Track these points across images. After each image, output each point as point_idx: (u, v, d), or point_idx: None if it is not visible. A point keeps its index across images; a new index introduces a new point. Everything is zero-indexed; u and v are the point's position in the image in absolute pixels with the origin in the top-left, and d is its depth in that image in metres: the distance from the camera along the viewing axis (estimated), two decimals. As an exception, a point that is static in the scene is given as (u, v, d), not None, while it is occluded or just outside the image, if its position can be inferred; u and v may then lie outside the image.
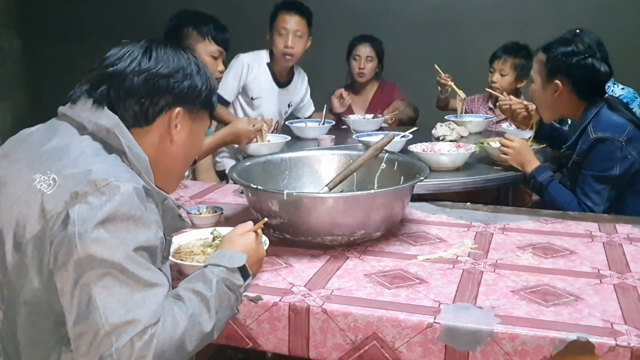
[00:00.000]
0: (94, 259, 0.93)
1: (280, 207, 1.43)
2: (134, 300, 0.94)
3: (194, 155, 1.26)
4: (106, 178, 0.98)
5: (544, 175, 2.11)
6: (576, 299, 1.21)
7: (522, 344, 1.08)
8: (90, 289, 0.93)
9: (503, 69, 3.24)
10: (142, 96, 1.12)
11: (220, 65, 2.42)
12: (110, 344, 0.91)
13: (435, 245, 1.52)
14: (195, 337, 1.01)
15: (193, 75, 1.17)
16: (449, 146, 2.43)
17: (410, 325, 1.13)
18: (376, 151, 1.73)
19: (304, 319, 1.19)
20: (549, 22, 3.94)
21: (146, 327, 0.93)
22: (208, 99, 1.22)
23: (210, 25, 2.39)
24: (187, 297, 1.04)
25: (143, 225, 0.99)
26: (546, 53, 2.13)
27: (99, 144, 1.08)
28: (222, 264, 1.13)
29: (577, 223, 1.70)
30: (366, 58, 3.51)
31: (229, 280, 1.11)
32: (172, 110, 1.15)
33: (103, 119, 1.08)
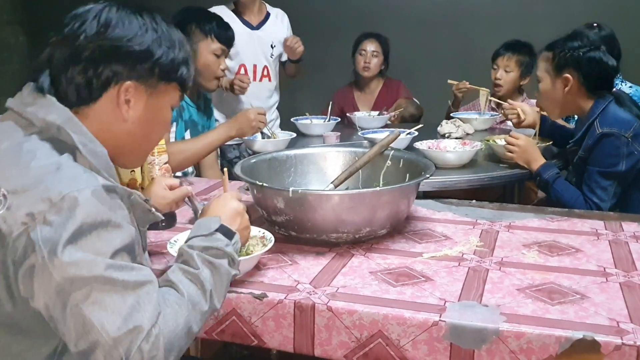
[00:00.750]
0: (75, 280, 0.88)
1: (285, 205, 1.43)
2: (127, 305, 0.90)
3: (159, 131, 1.16)
4: (60, 191, 0.90)
5: (549, 173, 2.10)
6: (582, 298, 1.21)
7: (527, 342, 1.08)
8: (80, 309, 0.88)
9: (508, 64, 3.22)
10: (84, 67, 1.01)
11: (223, 64, 2.42)
12: (119, 355, 0.88)
13: (440, 243, 1.51)
14: (199, 317, 1.00)
15: (147, 44, 1.05)
16: (455, 143, 2.42)
17: (416, 323, 1.13)
18: (382, 148, 1.72)
19: (309, 317, 1.19)
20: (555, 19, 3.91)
21: (150, 330, 0.90)
22: (168, 71, 1.09)
23: (213, 23, 2.38)
24: (178, 281, 1.01)
25: (113, 227, 0.93)
26: (552, 50, 2.13)
27: (48, 144, 0.99)
28: (199, 234, 1.10)
29: (583, 221, 1.70)
30: (372, 53, 3.51)
31: (210, 246, 1.08)
32: (121, 85, 1.04)
33: (52, 114, 1.00)
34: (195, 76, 2.44)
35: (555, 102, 2.17)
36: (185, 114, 2.41)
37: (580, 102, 2.11)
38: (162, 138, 1.19)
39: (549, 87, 2.15)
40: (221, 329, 1.25)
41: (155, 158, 1.67)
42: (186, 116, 2.41)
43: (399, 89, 3.62)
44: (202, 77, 2.39)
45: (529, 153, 2.17)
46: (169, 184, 1.41)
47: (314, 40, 4.56)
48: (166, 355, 0.92)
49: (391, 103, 3.48)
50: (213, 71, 2.39)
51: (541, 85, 2.19)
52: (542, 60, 2.17)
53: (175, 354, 0.95)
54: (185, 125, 2.40)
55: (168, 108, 1.15)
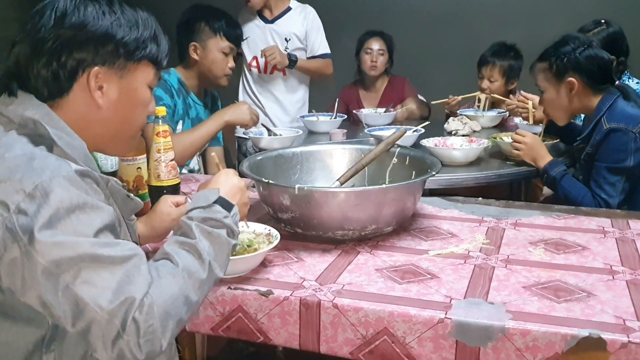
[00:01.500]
0: (61, 262, 0.89)
1: (291, 202, 1.43)
2: (117, 279, 0.91)
3: (140, 113, 1.15)
4: (33, 180, 0.92)
5: (557, 170, 2.10)
6: (588, 295, 1.21)
7: (533, 340, 1.07)
8: (72, 290, 0.89)
9: (492, 75, 3.20)
10: (48, 61, 1.02)
11: (230, 62, 2.42)
12: (115, 328, 0.89)
13: (446, 241, 1.51)
14: (197, 286, 1.00)
15: (106, 26, 1.04)
16: (462, 141, 2.42)
17: (422, 320, 1.13)
18: (388, 145, 1.72)
19: (314, 314, 1.19)
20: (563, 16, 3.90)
21: (142, 299, 0.91)
22: (135, 49, 1.08)
23: (222, 21, 2.39)
24: (173, 252, 1.02)
25: (91, 208, 0.94)
26: (545, 60, 2.14)
27: (25, 138, 1.00)
28: (198, 205, 1.11)
29: (590, 219, 1.69)
30: (378, 51, 3.50)
31: (208, 217, 1.08)
32: (89, 72, 1.04)
33: (30, 110, 1.02)
34: (203, 74, 2.45)
35: (563, 108, 2.17)
36: (192, 112, 2.41)
37: (587, 101, 2.10)
38: (144, 118, 1.17)
39: (554, 96, 2.15)
40: (227, 326, 1.25)
41: (162, 155, 1.68)
42: (193, 114, 2.42)
43: (404, 87, 3.61)
44: (211, 74, 2.40)
45: (535, 150, 2.17)
46: (175, 201, 1.41)
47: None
48: (163, 323, 0.92)
49: (397, 100, 3.47)
50: (221, 69, 2.40)
51: (546, 95, 2.19)
52: (539, 72, 2.18)
53: (174, 323, 0.94)
54: (192, 122, 2.41)
55: (144, 87, 1.14)
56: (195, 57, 2.38)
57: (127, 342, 0.89)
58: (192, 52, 2.38)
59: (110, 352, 0.90)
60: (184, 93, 2.39)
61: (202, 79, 2.43)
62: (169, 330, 0.93)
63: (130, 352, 0.90)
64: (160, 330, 0.92)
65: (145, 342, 0.90)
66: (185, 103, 2.38)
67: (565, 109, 2.17)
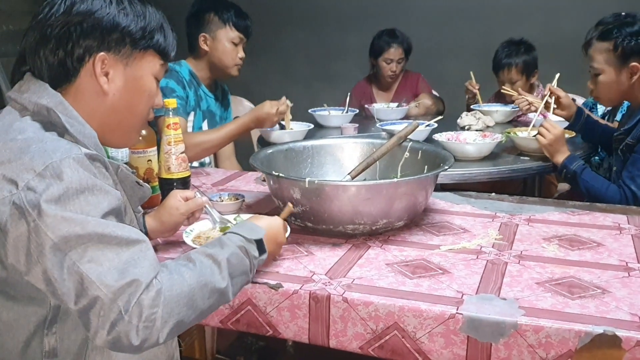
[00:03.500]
0: (69, 238, 0.90)
1: (302, 195, 1.42)
2: (123, 260, 0.91)
3: (144, 102, 1.16)
4: (44, 161, 0.94)
5: (576, 164, 2.06)
6: (603, 292, 1.18)
7: (546, 336, 1.06)
8: (78, 267, 0.90)
9: (511, 77, 3.15)
10: (55, 47, 1.05)
11: (240, 52, 2.42)
12: (118, 308, 0.89)
13: (458, 236, 1.50)
14: (207, 295, 1.00)
15: (113, 14, 1.07)
16: (475, 135, 2.40)
17: (432, 315, 1.12)
18: (400, 139, 1.70)
19: (324, 308, 1.18)
20: (579, 9, 3.85)
21: (148, 284, 0.91)
22: (141, 38, 1.10)
23: (231, 12, 2.39)
24: (197, 259, 1.02)
25: (99, 191, 0.95)
26: (609, 40, 2.04)
27: (38, 124, 1.03)
28: (241, 233, 1.12)
29: (605, 215, 1.66)
30: (397, 60, 3.47)
31: (244, 248, 1.10)
32: (94, 57, 1.07)
33: (44, 98, 1.04)
34: (213, 64, 2.45)
35: (619, 92, 2.08)
36: (203, 104, 2.41)
37: None
38: (149, 109, 1.18)
39: (613, 79, 2.06)
40: (236, 319, 1.24)
41: (172, 147, 1.67)
42: (204, 106, 2.42)
43: (417, 82, 3.58)
44: (221, 64, 2.40)
45: (558, 145, 2.11)
46: (184, 196, 1.41)
47: (332, 31, 4.56)
48: (164, 316, 0.92)
49: (410, 96, 3.45)
50: (232, 59, 2.40)
51: (602, 77, 2.08)
52: (598, 52, 2.07)
53: (174, 321, 0.93)
54: (203, 115, 2.41)
55: (150, 77, 1.15)
56: (206, 48, 2.38)
57: (127, 324, 0.89)
58: (202, 43, 2.38)
59: (107, 335, 0.89)
60: (195, 85, 2.38)
61: (213, 70, 2.43)
62: (168, 326, 0.93)
63: (126, 337, 0.89)
64: (161, 322, 0.91)
65: (144, 327, 0.90)
66: (196, 95, 2.38)
67: (620, 93, 2.09)
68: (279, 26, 4.63)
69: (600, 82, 2.11)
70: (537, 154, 2.24)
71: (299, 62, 4.62)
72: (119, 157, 1.70)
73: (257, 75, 4.24)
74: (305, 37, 4.60)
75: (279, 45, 4.66)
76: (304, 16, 4.61)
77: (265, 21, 4.57)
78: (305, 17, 4.61)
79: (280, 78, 4.57)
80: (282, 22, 4.63)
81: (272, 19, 4.61)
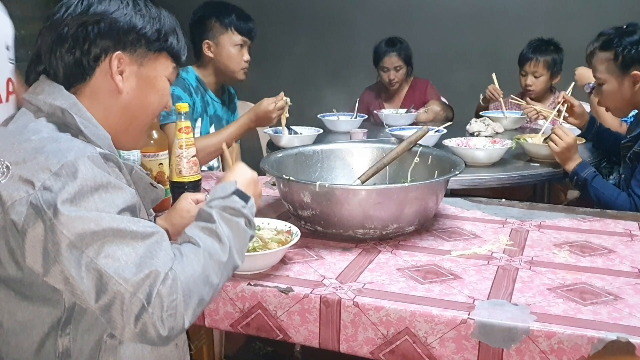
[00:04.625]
0: (85, 235, 0.91)
1: (312, 199, 1.42)
2: (140, 254, 0.92)
3: (157, 103, 1.17)
4: (59, 160, 0.95)
5: (587, 171, 2.05)
6: (615, 299, 1.18)
7: (558, 342, 1.05)
8: (95, 264, 0.90)
9: (536, 70, 3.15)
10: (71, 46, 1.06)
11: (245, 55, 2.40)
12: (139, 302, 0.89)
13: (469, 241, 1.49)
14: (217, 268, 1.00)
15: (130, 16, 1.09)
16: (485, 141, 2.39)
17: (444, 320, 1.11)
18: (410, 144, 1.70)
19: (335, 312, 1.18)
20: (588, 16, 3.85)
21: (166, 274, 0.91)
22: (156, 40, 1.12)
23: (232, 16, 2.37)
24: (194, 235, 1.03)
25: (114, 189, 0.97)
26: (609, 49, 2.04)
27: (53, 125, 1.04)
28: (216, 196, 1.12)
29: (616, 222, 1.66)
30: (395, 68, 3.46)
31: (228, 206, 1.09)
32: (110, 56, 1.08)
33: (59, 99, 1.05)
34: (219, 70, 2.44)
35: (624, 101, 2.09)
36: (210, 109, 2.42)
37: None
38: (160, 110, 1.20)
39: (616, 88, 2.07)
40: (246, 322, 1.24)
41: (184, 151, 1.68)
42: (211, 111, 2.42)
43: (426, 89, 3.57)
44: (227, 69, 2.39)
45: (570, 152, 2.10)
46: (195, 199, 1.42)
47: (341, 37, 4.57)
48: (185, 300, 0.92)
49: (419, 103, 3.45)
50: (237, 63, 2.39)
51: (606, 87, 2.09)
52: (600, 62, 2.08)
53: (195, 302, 0.94)
54: (210, 120, 2.41)
55: (163, 78, 1.17)
56: (210, 54, 2.38)
57: (152, 315, 0.89)
58: (206, 49, 2.37)
59: (133, 327, 0.90)
60: (202, 91, 2.39)
61: (219, 75, 2.43)
62: (191, 307, 0.94)
63: (153, 327, 0.90)
64: (183, 306, 0.92)
65: (169, 316, 0.90)
66: (203, 101, 2.38)
67: (625, 103, 2.09)
68: (288, 32, 4.64)
69: (604, 92, 2.12)
70: (547, 160, 2.24)
71: (308, 67, 4.63)
72: (131, 160, 1.71)
73: (266, 81, 4.24)
74: (314, 43, 4.61)
75: (288, 50, 4.67)
76: (313, 22, 4.62)
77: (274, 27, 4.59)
78: (314, 24, 4.62)
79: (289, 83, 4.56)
80: (291, 28, 4.65)
81: (281, 25, 4.63)
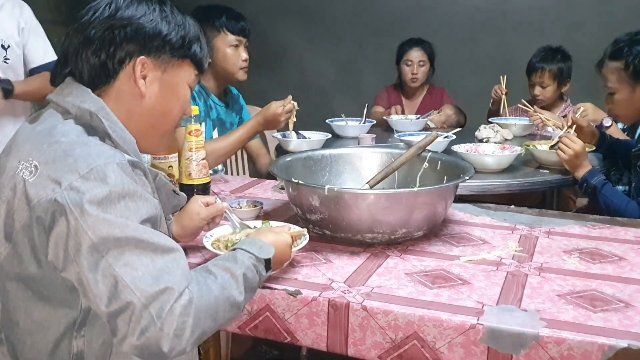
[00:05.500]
0: (108, 240, 0.91)
1: (320, 203, 1.42)
2: (157, 268, 0.92)
3: (178, 108, 1.18)
4: (88, 164, 0.95)
5: (597, 179, 2.03)
6: (626, 306, 1.17)
7: (568, 349, 1.04)
8: (113, 270, 0.91)
9: (542, 81, 3.15)
10: (97, 48, 1.07)
11: (243, 54, 2.38)
12: (150, 316, 0.89)
13: (478, 247, 1.48)
14: (228, 308, 1.00)
15: (156, 22, 1.10)
16: (494, 147, 2.38)
17: (453, 325, 1.11)
18: (419, 150, 1.70)
19: (343, 315, 1.18)
20: (598, 25, 3.84)
21: (181, 293, 0.92)
22: (180, 47, 1.13)
23: (223, 17, 2.36)
24: (216, 272, 1.03)
25: (139, 198, 0.97)
26: (620, 59, 2.04)
27: (81, 127, 1.05)
28: (252, 252, 1.12)
29: (626, 229, 1.65)
30: (418, 63, 3.46)
31: (255, 266, 1.10)
32: (135, 60, 1.09)
33: (87, 102, 1.06)
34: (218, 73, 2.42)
35: (635, 109, 2.08)
36: (212, 113, 2.42)
37: None
38: (180, 116, 1.20)
39: (628, 97, 2.06)
40: (254, 325, 1.24)
41: (193, 154, 1.68)
42: (214, 115, 2.42)
43: (442, 96, 3.58)
44: (226, 72, 2.38)
45: (579, 160, 2.09)
46: (205, 201, 1.42)
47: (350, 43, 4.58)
48: (193, 327, 0.92)
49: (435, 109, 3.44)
50: (234, 63, 2.37)
51: (617, 96, 2.09)
52: (611, 72, 2.08)
53: (199, 333, 0.94)
54: (213, 124, 2.41)
55: (184, 85, 1.18)
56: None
57: (159, 331, 0.89)
58: None
59: (136, 340, 0.90)
60: (205, 95, 2.39)
61: (219, 79, 2.41)
62: (195, 336, 0.94)
63: (156, 344, 0.90)
64: (190, 331, 0.92)
65: (175, 336, 0.90)
66: (206, 105, 2.38)
67: (637, 111, 2.08)
68: (296, 37, 4.66)
69: (616, 101, 2.12)
70: (556, 167, 2.23)
71: (317, 73, 4.64)
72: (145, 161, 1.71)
73: (275, 86, 4.26)
74: (322, 48, 4.62)
75: (297, 55, 4.68)
76: (322, 28, 4.63)
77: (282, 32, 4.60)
78: (322, 29, 4.63)
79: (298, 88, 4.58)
80: (300, 33, 4.66)
81: (290, 30, 4.64)
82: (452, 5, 4.37)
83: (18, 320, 1.03)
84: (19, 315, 1.03)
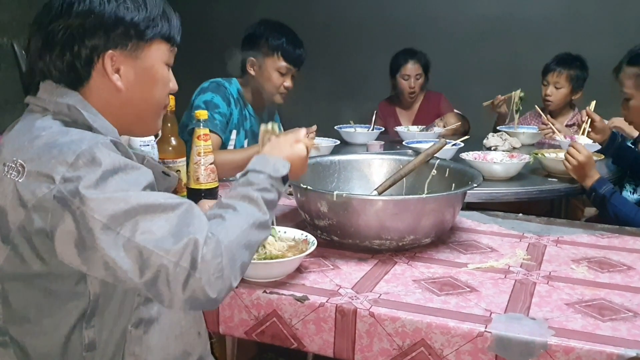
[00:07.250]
0: (117, 216, 0.91)
1: (329, 209, 1.42)
2: (174, 224, 0.92)
3: (161, 90, 1.14)
4: (74, 150, 0.94)
5: (605, 188, 2.02)
6: (635, 315, 1.16)
7: (577, 357, 1.04)
8: (134, 241, 0.91)
9: (558, 81, 3.16)
10: (61, 50, 1.04)
11: (287, 81, 2.36)
12: (185, 270, 0.90)
13: (486, 255, 1.48)
14: (256, 232, 1.02)
15: (113, 8, 1.04)
16: (502, 155, 2.38)
17: (460, 333, 1.10)
18: (427, 157, 1.70)
19: (350, 322, 1.17)
20: (605, 34, 3.84)
21: (205, 238, 0.92)
22: (146, 29, 1.07)
23: (282, 40, 2.33)
24: (234, 204, 1.03)
25: (132, 169, 0.97)
26: (637, 65, 2.04)
27: (60, 121, 1.03)
28: (266, 172, 1.12)
29: (635, 239, 1.64)
30: (415, 76, 3.47)
31: (273, 185, 1.11)
32: (103, 57, 1.05)
33: (64, 97, 1.04)
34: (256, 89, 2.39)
35: None
36: (246, 123, 2.42)
37: None
38: (166, 96, 1.17)
39: None
40: (261, 330, 1.24)
41: (202, 158, 1.69)
42: (247, 126, 2.43)
43: (439, 102, 3.57)
44: (265, 90, 2.37)
45: (587, 169, 2.08)
46: (212, 206, 1.42)
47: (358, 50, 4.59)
48: (231, 264, 0.94)
49: (432, 116, 3.44)
50: (274, 86, 2.36)
51: (633, 102, 2.08)
52: (627, 77, 2.07)
53: (239, 265, 0.96)
54: (246, 134, 2.42)
55: (161, 65, 1.13)
56: (252, 72, 2.36)
57: (199, 280, 0.90)
58: (249, 67, 2.36)
59: (182, 295, 0.90)
60: (242, 104, 2.39)
61: (257, 94, 2.41)
62: (236, 269, 0.95)
63: (202, 291, 0.91)
64: (229, 268, 0.93)
65: (216, 279, 0.91)
66: (241, 114, 2.38)
67: None
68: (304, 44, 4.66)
69: (631, 107, 2.11)
70: (565, 175, 2.22)
71: (325, 79, 4.64)
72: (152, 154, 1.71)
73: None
74: (330, 55, 4.63)
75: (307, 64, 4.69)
76: (330, 35, 4.65)
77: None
78: (330, 36, 4.65)
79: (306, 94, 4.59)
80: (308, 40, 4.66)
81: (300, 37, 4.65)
82: (459, 14, 4.38)
83: (29, 317, 1.02)
84: (29, 312, 1.02)
